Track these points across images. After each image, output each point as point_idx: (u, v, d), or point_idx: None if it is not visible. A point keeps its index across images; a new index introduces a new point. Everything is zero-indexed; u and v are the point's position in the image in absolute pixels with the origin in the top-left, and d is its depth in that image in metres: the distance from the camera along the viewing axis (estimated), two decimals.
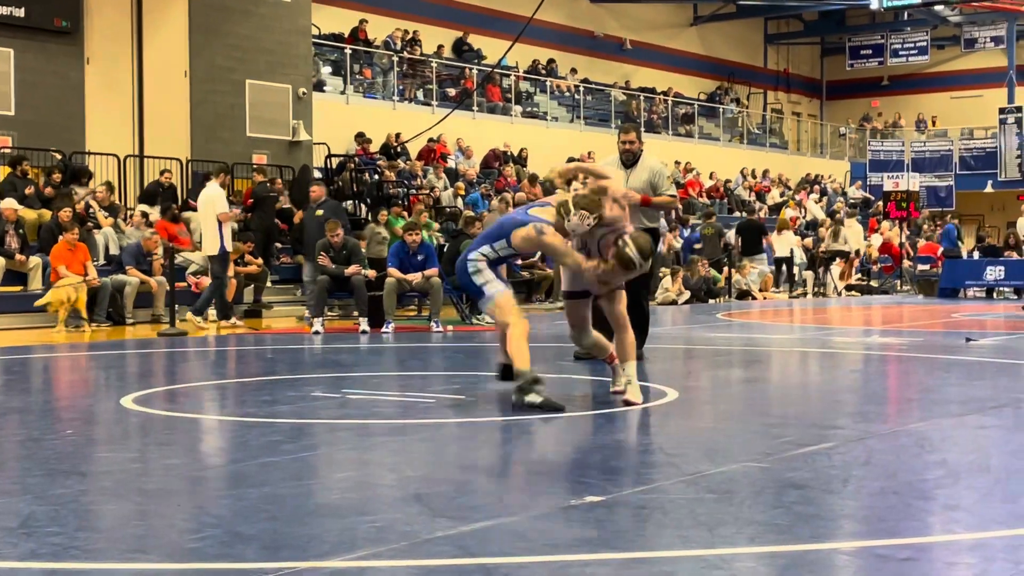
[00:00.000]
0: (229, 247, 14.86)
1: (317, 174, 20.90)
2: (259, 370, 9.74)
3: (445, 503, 4.26)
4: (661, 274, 22.60)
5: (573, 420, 6.46)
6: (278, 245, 18.99)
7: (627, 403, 6.84)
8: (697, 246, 24.31)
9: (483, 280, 6.91)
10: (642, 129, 32.01)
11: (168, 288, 14.80)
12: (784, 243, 25.36)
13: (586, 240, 6.94)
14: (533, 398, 6.61)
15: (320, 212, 15.15)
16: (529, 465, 5.22)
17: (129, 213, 17.86)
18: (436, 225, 19.56)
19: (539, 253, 6.65)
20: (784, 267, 25.59)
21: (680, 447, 5.55)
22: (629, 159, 9.25)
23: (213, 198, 14.79)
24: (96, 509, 4.33)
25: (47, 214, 16.45)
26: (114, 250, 16.81)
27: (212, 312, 15.12)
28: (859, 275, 27.38)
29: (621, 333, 7.06)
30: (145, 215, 17.40)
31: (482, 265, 6.93)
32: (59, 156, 18.27)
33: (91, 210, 17.25)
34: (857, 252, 27.23)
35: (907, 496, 4.38)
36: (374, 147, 23.72)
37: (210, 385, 8.69)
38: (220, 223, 14.59)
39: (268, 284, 17.73)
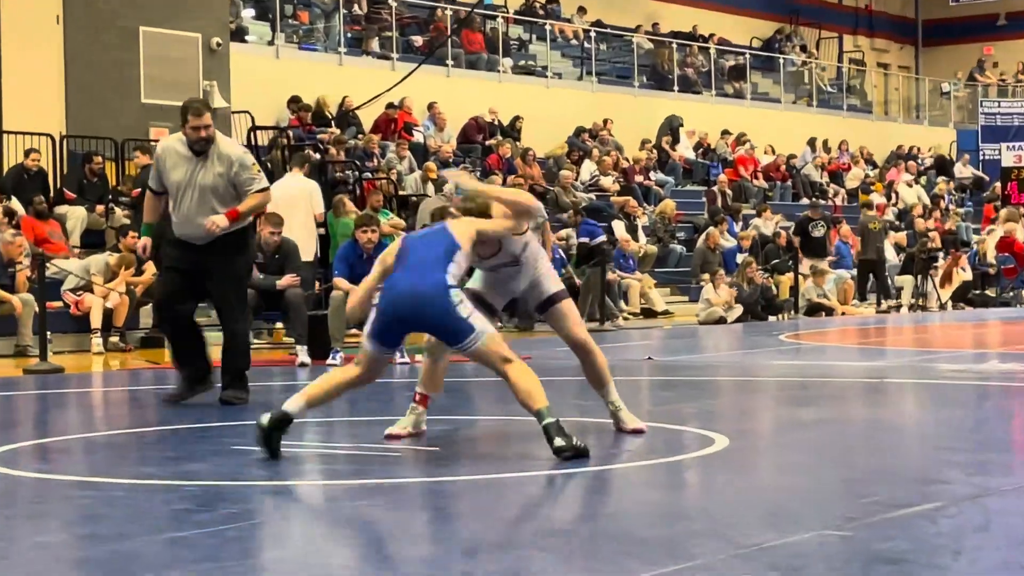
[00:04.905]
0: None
1: None
2: (162, 417, 9.71)
3: None
4: (702, 282, 22.62)
5: (587, 477, 6.46)
6: None
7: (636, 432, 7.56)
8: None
9: (467, 312, 6.88)
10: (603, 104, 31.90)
11: (37, 310, 14.60)
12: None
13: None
14: (561, 443, 6.58)
15: None
16: (532, 537, 5.21)
17: None
18: (399, 221, 19.54)
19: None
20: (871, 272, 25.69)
21: (733, 511, 5.57)
22: (202, 147, 9.44)
23: (308, 191, 15.63)
24: None
25: None
26: None
27: None
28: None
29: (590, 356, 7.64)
30: (10, 212, 17.12)
31: (462, 293, 6.95)
32: None
33: None
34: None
35: None
36: (314, 116, 23.72)
37: (96, 437, 8.66)
38: (317, 224, 15.85)
39: None
